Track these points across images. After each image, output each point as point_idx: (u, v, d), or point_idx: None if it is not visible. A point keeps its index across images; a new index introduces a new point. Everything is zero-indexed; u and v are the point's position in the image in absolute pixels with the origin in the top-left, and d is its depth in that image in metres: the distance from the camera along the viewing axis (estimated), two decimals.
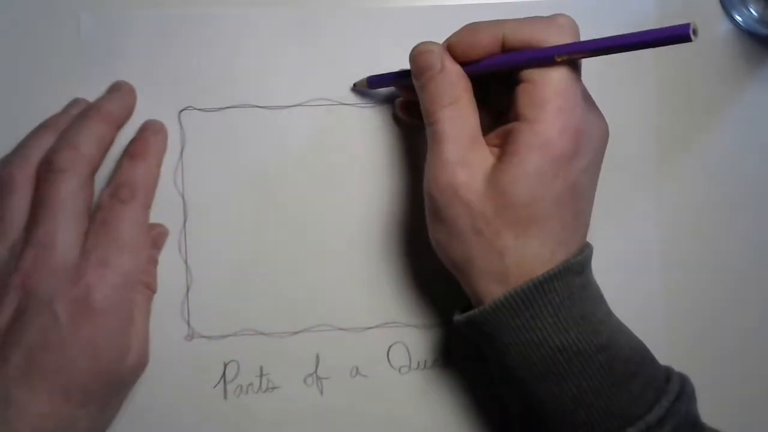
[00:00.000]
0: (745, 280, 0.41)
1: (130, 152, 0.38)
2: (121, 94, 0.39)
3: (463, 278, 0.34)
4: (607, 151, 0.34)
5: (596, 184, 0.34)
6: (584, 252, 0.33)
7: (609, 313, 0.33)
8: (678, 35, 0.28)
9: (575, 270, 0.32)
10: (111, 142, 0.38)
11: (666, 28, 0.28)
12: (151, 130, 0.39)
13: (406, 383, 0.40)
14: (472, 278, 0.33)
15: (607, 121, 0.34)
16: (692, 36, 0.27)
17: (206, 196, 0.40)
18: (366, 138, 0.40)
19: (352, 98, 0.40)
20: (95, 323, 0.34)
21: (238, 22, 0.40)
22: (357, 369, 0.40)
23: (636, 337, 0.34)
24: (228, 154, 0.40)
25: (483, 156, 0.32)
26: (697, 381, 0.34)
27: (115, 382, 0.36)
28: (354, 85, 0.40)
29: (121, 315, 0.35)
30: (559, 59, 0.31)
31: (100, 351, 0.34)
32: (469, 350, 0.40)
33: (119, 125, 0.38)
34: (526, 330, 0.31)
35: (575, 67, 0.32)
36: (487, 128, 0.33)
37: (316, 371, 0.40)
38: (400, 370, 0.40)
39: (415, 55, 0.34)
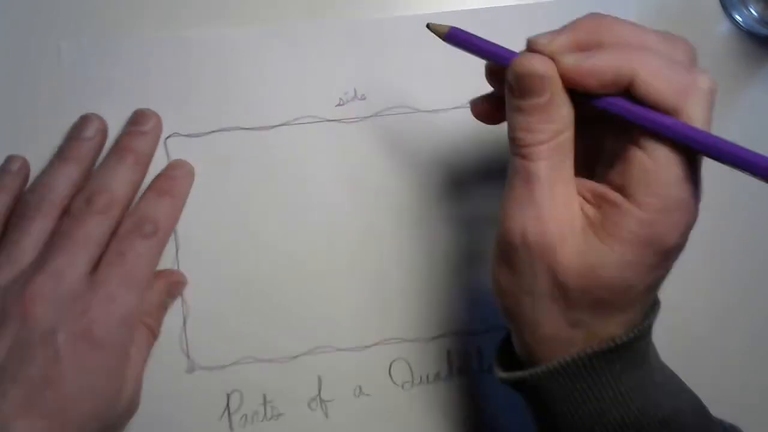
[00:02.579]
0: (746, 280, 0.41)
1: (158, 188, 0.38)
2: (152, 127, 0.38)
3: (518, 333, 0.31)
4: None
5: None
6: (654, 313, 0.30)
7: (664, 369, 0.31)
8: None
9: (644, 336, 0.29)
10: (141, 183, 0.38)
11: None
12: (181, 170, 0.38)
13: (411, 399, 0.40)
14: (532, 338, 0.30)
15: None
16: None
17: (197, 224, 0.39)
18: (354, 154, 0.39)
19: (338, 114, 0.39)
20: (94, 358, 0.34)
21: (219, 45, 0.38)
22: (360, 388, 0.40)
23: (693, 393, 0.31)
24: (217, 179, 0.39)
25: (575, 212, 0.28)
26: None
27: (109, 424, 0.35)
28: (428, 25, 0.31)
29: (118, 351, 0.35)
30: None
31: (96, 388, 0.34)
32: (470, 363, 0.40)
33: (149, 164, 0.38)
34: (583, 402, 0.29)
35: None
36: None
37: (319, 394, 0.40)
38: (403, 386, 0.40)
39: (520, 72, 0.28)
